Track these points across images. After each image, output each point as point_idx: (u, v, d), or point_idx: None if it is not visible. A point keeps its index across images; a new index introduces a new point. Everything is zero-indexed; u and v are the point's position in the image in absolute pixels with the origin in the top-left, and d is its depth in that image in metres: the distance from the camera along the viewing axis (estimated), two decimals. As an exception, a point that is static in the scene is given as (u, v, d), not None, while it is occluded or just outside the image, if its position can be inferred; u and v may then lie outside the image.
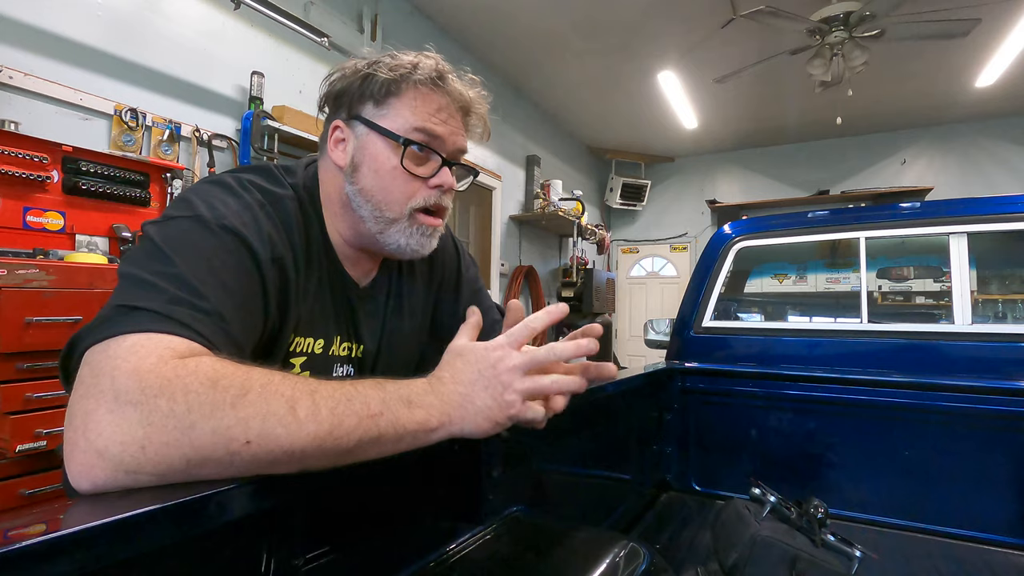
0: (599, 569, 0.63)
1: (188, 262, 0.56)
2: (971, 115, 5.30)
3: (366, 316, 0.82)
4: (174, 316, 0.51)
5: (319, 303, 0.76)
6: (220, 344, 0.53)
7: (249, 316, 0.61)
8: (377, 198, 0.73)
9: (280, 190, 0.72)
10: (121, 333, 0.48)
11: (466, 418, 0.56)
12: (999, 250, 2.64)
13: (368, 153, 0.73)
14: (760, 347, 1.92)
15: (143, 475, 0.43)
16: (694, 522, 1.63)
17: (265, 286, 0.64)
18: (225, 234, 0.60)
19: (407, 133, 0.72)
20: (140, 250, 0.58)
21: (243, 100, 2.54)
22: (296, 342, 0.73)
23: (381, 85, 0.71)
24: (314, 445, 0.46)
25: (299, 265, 0.71)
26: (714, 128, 5.79)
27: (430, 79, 0.72)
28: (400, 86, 0.72)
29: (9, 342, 1.39)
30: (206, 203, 0.62)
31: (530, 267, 5.08)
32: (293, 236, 0.70)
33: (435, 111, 0.73)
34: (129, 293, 0.52)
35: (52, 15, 1.91)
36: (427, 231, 0.76)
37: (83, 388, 0.46)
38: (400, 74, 0.71)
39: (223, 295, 0.57)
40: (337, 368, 0.79)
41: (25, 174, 1.71)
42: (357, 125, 0.74)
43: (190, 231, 0.59)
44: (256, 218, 0.65)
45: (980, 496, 1.50)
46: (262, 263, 0.63)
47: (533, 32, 3.94)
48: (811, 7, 3.11)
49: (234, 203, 0.64)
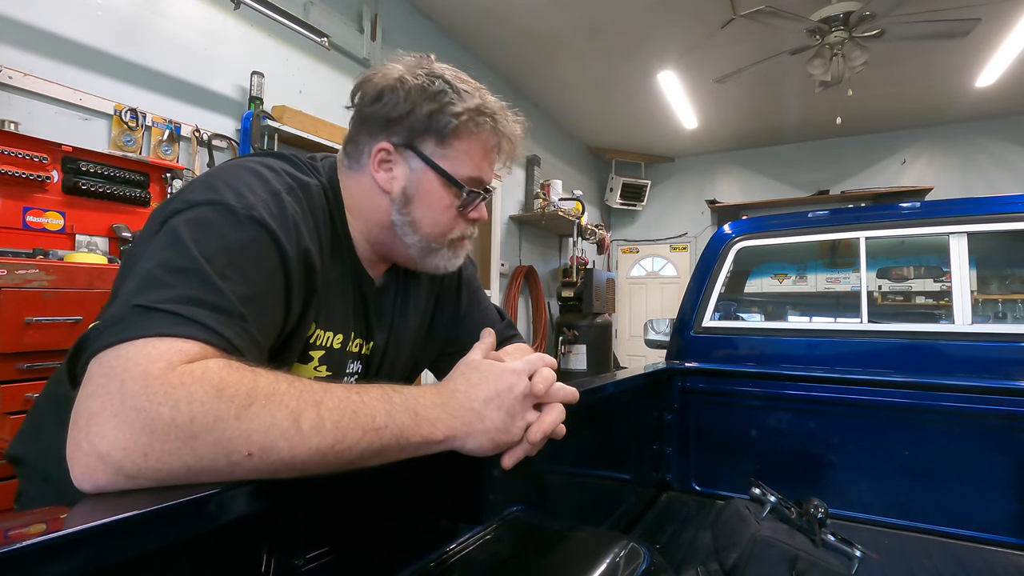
0: (599, 569, 0.63)
1: (212, 257, 0.53)
2: (971, 115, 5.30)
3: (377, 313, 0.82)
4: (193, 317, 0.49)
5: (341, 298, 0.76)
6: (240, 345, 0.52)
7: (271, 314, 0.60)
8: (426, 231, 0.75)
9: (308, 178, 0.71)
10: (136, 337, 0.47)
11: (471, 435, 0.56)
12: (999, 250, 2.64)
13: (424, 189, 0.73)
14: (760, 347, 1.92)
15: (144, 480, 0.43)
16: (694, 522, 1.63)
17: (289, 282, 0.62)
18: (253, 226, 0.58)
19: (465, 181, 0.74)
20: (162, 239, 0.55)
21: (243, 100, 2.54)
22: (317, 335, 0.72)
23: (449, 126, 0.71)
24: (316, 458, 0.46)
25: (324, 255, 0.70)
26: (714, 128, 5.79)
27: (492, 126, 0.74)
28: (468, 131, 0.73)
29: (9, 342, 1.39)
30: (232, 189, 0.59)
31: (530, 267, 5.08)
32: (320, 226, 0.69)
33: (487, 154, 0.76)
34: (146, 292, 0.50)
35: (52, 15, 1.91)
36: (460, 254, 0.81)
37: (91, 387, 0.45)
38: (467, 119, 0.72)
39: (245, 293, 0.55)
40: (350, 364, 0.80)
41: (25, 174, 1.71)
42: (413, 158, 0.73)
43: (215, 221, 0.56)
44: (283, 206, 0.63)
45: (980, 496, 1.50)
46: (288, 259, 0.61)
47: (533, 32, 3.94)
48: (811, 7, 3.11)
49: (261, 189, 0.62)
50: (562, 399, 0.64)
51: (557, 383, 0.64)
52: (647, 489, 1.75)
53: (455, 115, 0.70)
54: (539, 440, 0.61)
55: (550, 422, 0.61)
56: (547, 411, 0.62)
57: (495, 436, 0.57)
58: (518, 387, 0.59)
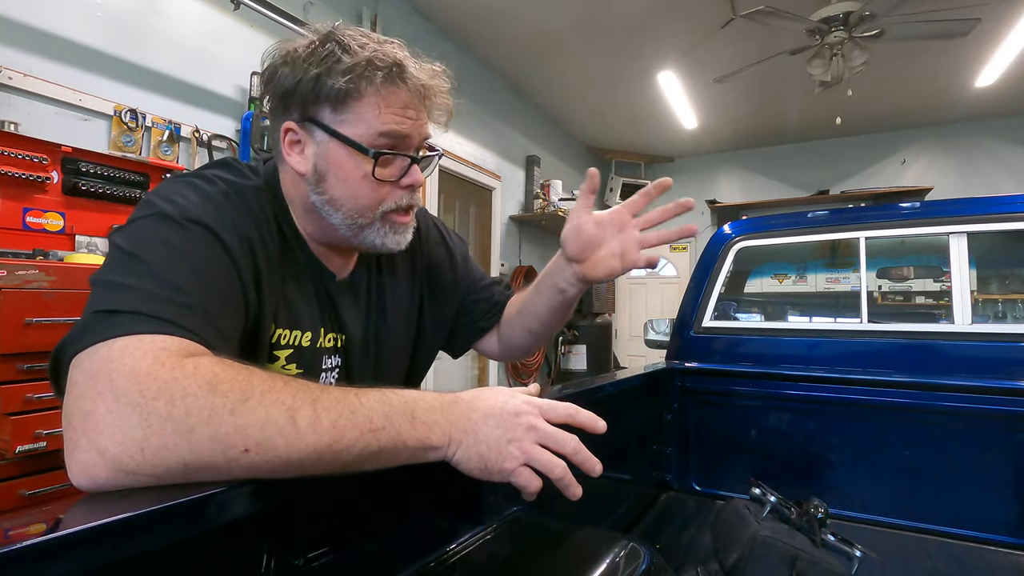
0: (599, 569, 0.63)
1: (159, 259, 0.54)
2: (971, 115, 5.30)
3: (348, 307, 0.81)
4: (158, 315, 0.50)
5: (299, 295, 0.74)
6: (209, 337, 0.52)
7: (231, 305, 0.60)
8: (348, 207, 0.70)
9: (244, 181, 0.70)
10: (108, 338, 0.47)
11: (464, 444, 0.54)
12: (999, 250, 2.64)
13: (333, 162, 0.68)
14: (760, 347, 1.92)
15: (142, 476, 0.43)
16: (694, 522, 1.63)
17: (240, 273, 0.62)
18: (192, 226, 0.59)
19: (373, 139, 0.67)
20: (109, 258, 0.56)
21: (243, 100, 2.54)
22: (280, 334, 0.71)
23: (338, 89, 0.65)
24: (313, 457, 0.45)
25: (271, 253, 0.69)
26: (714, 128, 5.79)
27: (389, 75, 0.66)
28: (359, 88, 0.65)
29: (9, 343, 1.39)
30: (167, 200, 0.60)
31: (530, 267, 5.08)
32: (262, 225, 0.68)
33: (399, 109, 0.68)
34: (106, 298, 0.51)
35: (52, 15, 1.91)
36: (400, 228, 0.74)
37: (78, 391, 0.45)
38: (358, 74, 0.64)
39: (202, 287, 0.55)
40: (326, 360, 0.78)
41: (25, 175, 1.71)
42: (315, 131, 0.68)
43: (155, 228, 0.57)
44: (220, 207, 0.63)
45: (980, 496, 1.50)
46: (232, 250, 0.61)
47: (533, 32, 3.94)
48: (811, 7, 3.11)
49: (195, 196, 0.62)
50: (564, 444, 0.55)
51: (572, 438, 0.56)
52: (647, 489, 1.75)
53: (342, 73, 0.64)
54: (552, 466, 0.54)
55: (554, 467, 0.54)
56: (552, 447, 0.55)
57: (486, 455, 0.53)
58: (525, 416, 0.55)
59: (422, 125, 0.71)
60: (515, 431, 0.54)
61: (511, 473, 0.54)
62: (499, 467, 0.54)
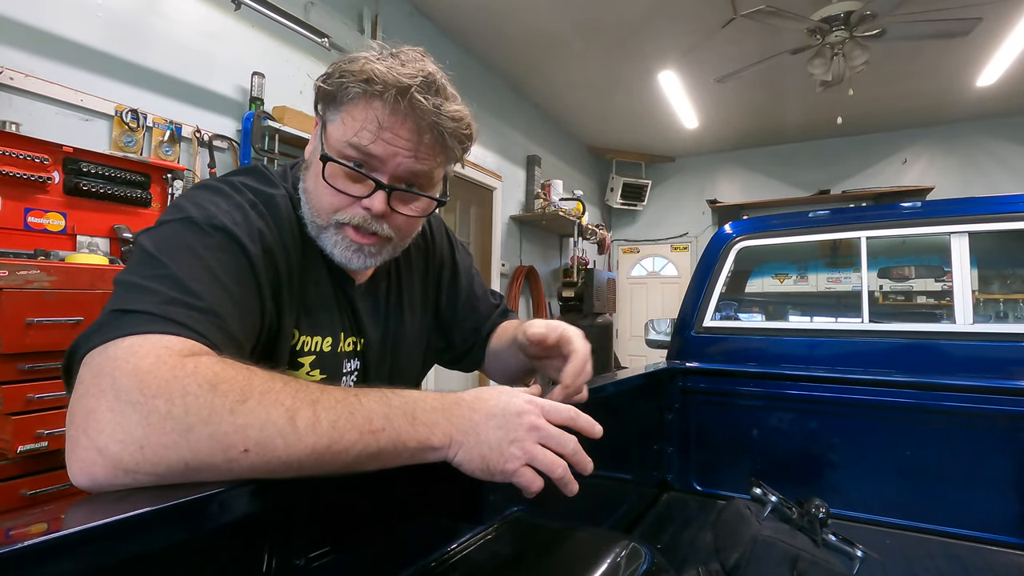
0: (600, 569, 0.63)
1: (180, 263, 0.56)
2: (972, 115, 5.29)
3: (367, 311, 0.82)
4: (169, 316, 0.51)
5: (320, 300, 0.76)
6: (218, 342, 0.53)
7: (246, 312, 0.61)
8: (311, 203, 0.71)
9: (272, 189, 0.72)
10: (117, 336, 0.48)
11: (466, 445, 0.54)
12: (1000, 249, 2.63)
13: (313, 154, 0.72)
14: (761, 347, 1.92)
15: (142, 475, 0.43)
16: (695, 522, 1.63)
17: (259, 281, 0.63)
18: (216, 232, 0.60)
19: (342, 147, 0.66)
20: (133, 258, 0.59)
21: (244, 101, 2.54)
22: (302, 341, 0.73)
23: (336, 89, 0.67)
24: (312, 458, 0.45)
25: (292, 261, 0.70)
26: (714, 128, 5.79)
27: (382, 94, 0.64)
28: (350, 95, 0.66)
29: (10, 343, 1.39)
30: (196, 205, 0.62)
31: (531, 267, 5.08)
32: (285, 234, 0.70)
33: (377, 128, 0.65)
34: (123, 298, 0.53)
35: (52, 16, 1.91)
36: (351, 246, 0.70)
37: (83, 388, 0.46)
38: (354, 81, 0.65)
39: (218, 292, 0.56)
40: (346, 364, 0.80)
41: (26, 175, 1.71)
42: (319, 126, 0.72)
43: (180, 232, 0.59)
44: (247, 216, 0.65)
45: (981, 496, 1.49)
46: (254, 258, 0.63)
47: (533, 32, 3.94)
48: (811, 7, 3.11)
49: (224, 203, 0.64)
50: (564, 445, 0.56)
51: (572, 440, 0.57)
52: (648, 489, 1.75)
53: (345, 75, 0.66)
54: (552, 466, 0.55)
55: (556, 467, 0.55)
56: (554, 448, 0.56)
57: (487, 455, 0.53)
58: (526, 416, 0.55)
59: (406, 156, 0.67)
60: (517, 431, 0.55)
61: (513, 473, 0.54)
62: (501, 468, 0.54)
